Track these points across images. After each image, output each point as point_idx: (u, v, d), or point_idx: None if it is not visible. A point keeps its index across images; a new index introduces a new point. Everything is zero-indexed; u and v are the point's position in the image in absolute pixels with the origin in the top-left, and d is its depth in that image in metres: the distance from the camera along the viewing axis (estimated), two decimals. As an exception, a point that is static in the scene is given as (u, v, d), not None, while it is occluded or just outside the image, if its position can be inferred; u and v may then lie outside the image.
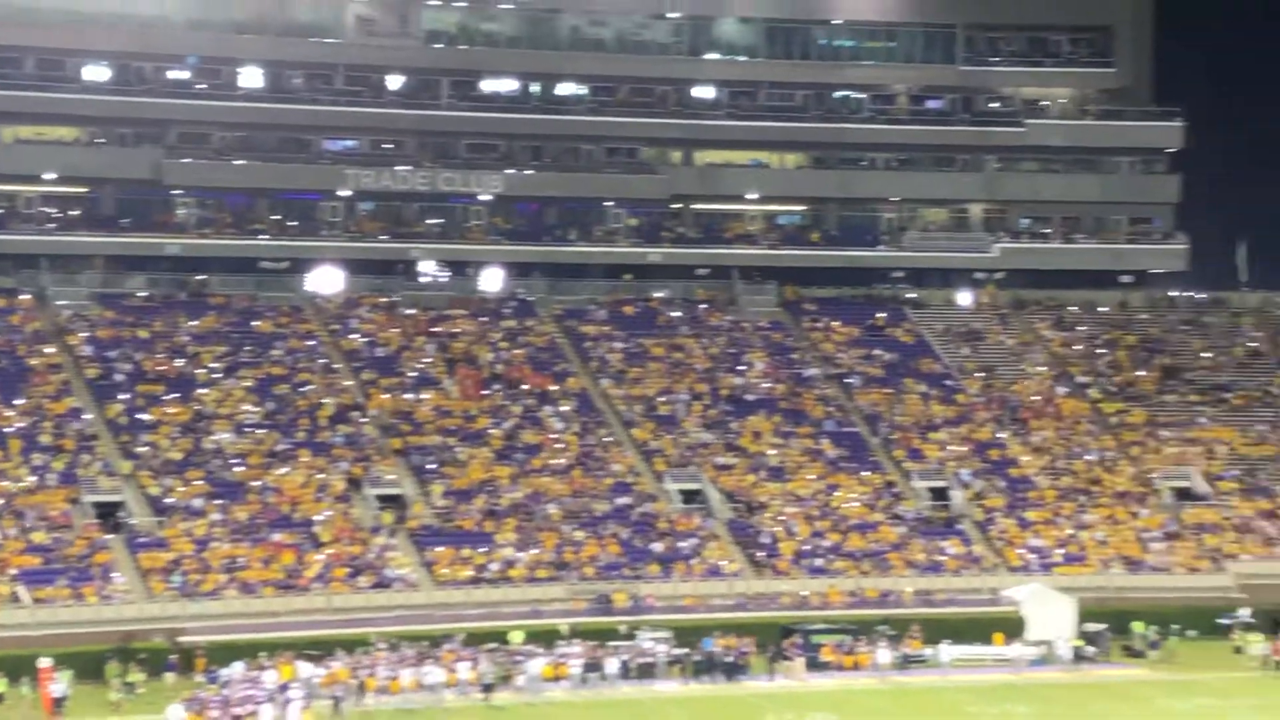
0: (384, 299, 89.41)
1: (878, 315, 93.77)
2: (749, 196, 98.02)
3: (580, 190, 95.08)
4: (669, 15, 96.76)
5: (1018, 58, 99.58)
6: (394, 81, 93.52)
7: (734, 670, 67.67)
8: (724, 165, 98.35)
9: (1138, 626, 73.66)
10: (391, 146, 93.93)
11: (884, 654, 69.39)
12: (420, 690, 63.34)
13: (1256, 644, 71.70)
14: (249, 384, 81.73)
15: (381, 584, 72.37)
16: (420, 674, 63.76)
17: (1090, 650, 71.21)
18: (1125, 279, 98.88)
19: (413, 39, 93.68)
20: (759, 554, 77.21)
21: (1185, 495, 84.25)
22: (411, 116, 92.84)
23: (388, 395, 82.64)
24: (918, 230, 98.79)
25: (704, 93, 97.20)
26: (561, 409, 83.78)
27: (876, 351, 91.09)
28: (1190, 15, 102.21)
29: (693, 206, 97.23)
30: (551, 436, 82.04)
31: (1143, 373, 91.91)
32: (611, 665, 66.48)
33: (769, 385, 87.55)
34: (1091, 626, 72.54)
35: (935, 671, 69.36)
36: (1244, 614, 75.24)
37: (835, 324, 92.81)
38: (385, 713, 61.90)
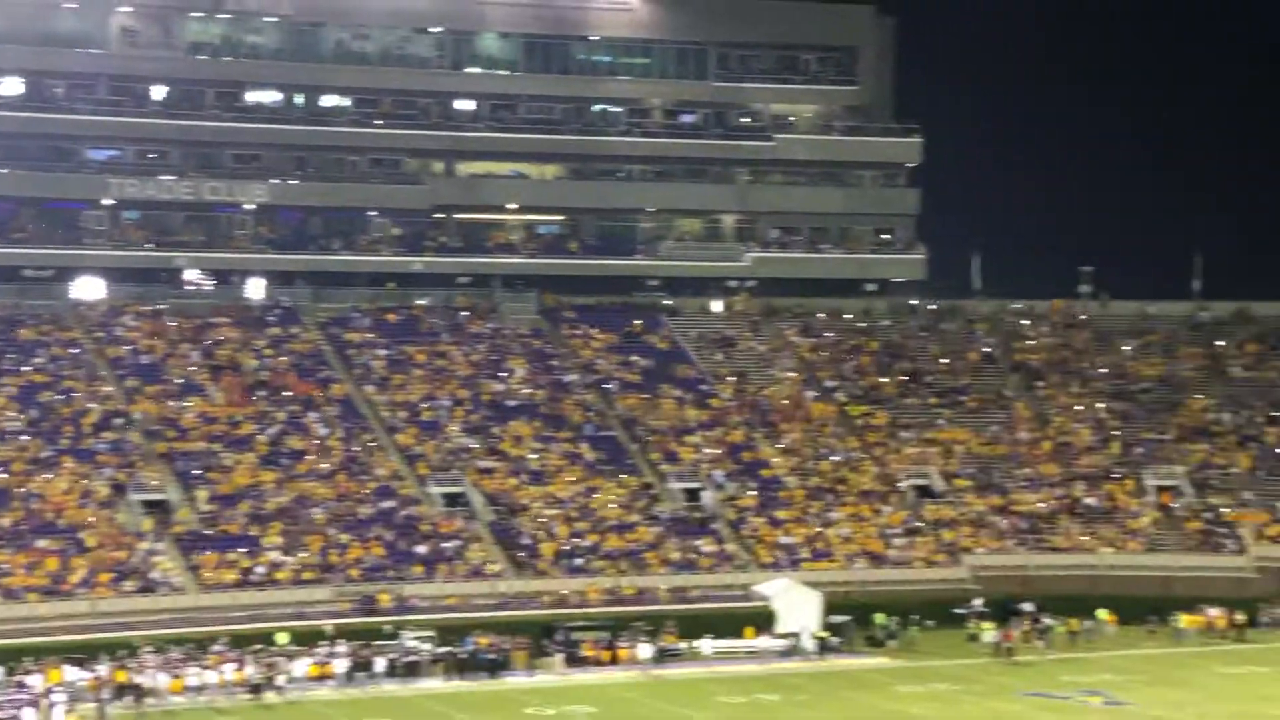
0: (148, 307, 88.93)
1: (635, 322, 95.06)
2: (509, 207, 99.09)
3: (344, 200, 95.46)
4: (431, 30, 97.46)
5: (767, 75, 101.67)
6: (158, 92, 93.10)
7: (496, 667, 69.18)
8: (485, 176, 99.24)
9: (879, 618, 76.27)
10: (156, 156, 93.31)
11: (644, 649, 71.34)
12: (187, 692, 64.01)
13: (989, 632, 75.20)
14: (12, 391, 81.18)
15: (147, 588, 72.41)
16: (187, 676, 64.46)
17: (835, 641, 73.69)
18: (869, 287, 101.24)
19: (176, 50, 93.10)
20: (520, 555, 78.48)
21: (925, 493, 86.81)
22: (175, 126, 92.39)
23: (152, 402, 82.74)
24: (673, 240, 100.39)
25: (465, 105, 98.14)
26: (326, 415, 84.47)
27: (634, 358, 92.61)
28: (929, 37, 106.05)
29: (454, 216, 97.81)
30: (316, 442, 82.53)
31: (885, 378, 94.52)
32: (378, 664, 67.74)
33: (529, 391, 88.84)
34: (836, 618, 74.86)
35: (691, 664, 71.50)
36: (977, 604, 78.10)
37: (594, 331, 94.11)
38: (154, 715, 62.45)
